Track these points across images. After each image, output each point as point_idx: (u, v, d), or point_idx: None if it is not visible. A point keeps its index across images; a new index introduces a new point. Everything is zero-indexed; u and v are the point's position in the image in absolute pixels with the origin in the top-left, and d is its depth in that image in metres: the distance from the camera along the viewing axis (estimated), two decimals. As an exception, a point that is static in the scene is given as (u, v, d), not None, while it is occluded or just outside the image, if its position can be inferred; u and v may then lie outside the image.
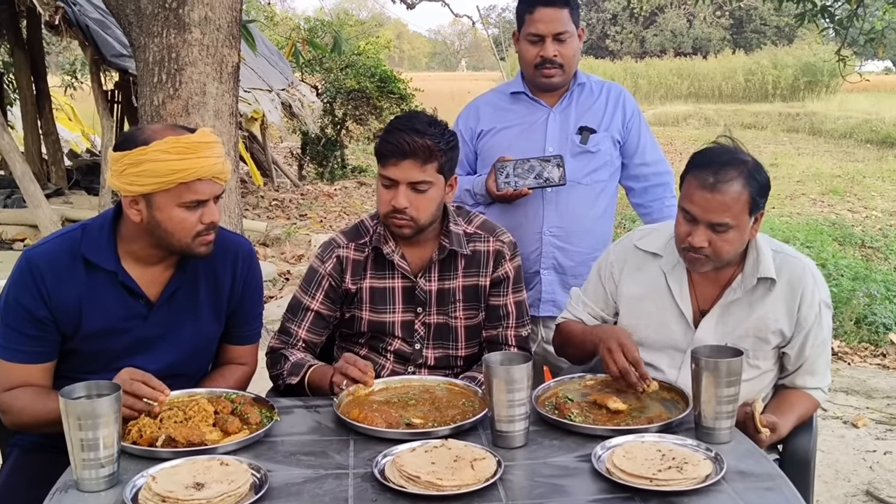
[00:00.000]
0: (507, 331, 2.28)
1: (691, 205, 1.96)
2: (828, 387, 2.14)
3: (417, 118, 2.12)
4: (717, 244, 1.96)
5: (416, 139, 2.05)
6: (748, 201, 1.94)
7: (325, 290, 2.22)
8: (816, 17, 5.82)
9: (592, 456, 1.65)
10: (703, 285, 2.12)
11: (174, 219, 1.87)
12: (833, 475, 3.56)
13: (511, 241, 2.28)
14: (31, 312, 1.89)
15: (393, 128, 2.10)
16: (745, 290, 2.07)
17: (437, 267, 2.21)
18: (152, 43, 3.37)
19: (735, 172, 1.93)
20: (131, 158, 1.83)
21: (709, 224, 1.94)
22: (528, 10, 2.66)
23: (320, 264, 2.23)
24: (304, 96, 11.20)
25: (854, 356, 5.20)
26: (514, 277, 2.27)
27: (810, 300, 2.05)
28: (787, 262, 2.08)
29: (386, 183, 2.10)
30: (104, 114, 7.49)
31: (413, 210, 2.09)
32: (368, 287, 2.22)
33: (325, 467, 1.67)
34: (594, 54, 35.79)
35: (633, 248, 2.22)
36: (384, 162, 2.09)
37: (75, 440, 1.55)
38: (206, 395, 1.93)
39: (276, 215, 9.71)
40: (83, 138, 13.35)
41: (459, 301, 2.24)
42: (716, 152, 2.00)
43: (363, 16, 39.60)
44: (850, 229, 8.47)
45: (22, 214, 7.47)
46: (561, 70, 2.66)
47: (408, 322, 2.24)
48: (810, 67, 26.09)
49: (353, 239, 2.24)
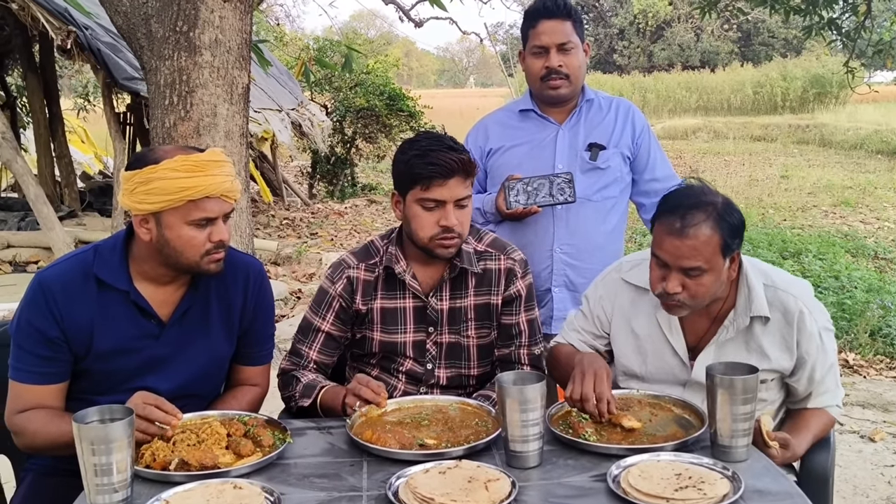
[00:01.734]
0: (519, 350, 2.27)
1: (661, 251, 1.93)
2: (842, 401, 2.11)
3: (441, 138, 2.10)
4: (693, 288, 1.92)
5: (459, 156, 2.05)
6: (719, 243, 1.89)
7: (335, 311, 2.21)
8: (824, 29, 5.83)
9: (608, 476, 1.64)
10: (694, 320, 2.08)
11: (183, 237, 1.88)
12: (851, 491, 3.52)
13: (522, 258, 2.27)
14: (43, 333, 1.90)
15: (425, 150, 2.06)
16: (738, 329, 2.03)
17: (449, 286, 2.20)
18: (163, 66, 3.40)
19: (703, 216, 1.89)
20: (142, 177, 1.85)
21: (681, 269, 1.91)
22: (532, 25, 2.68)
23: (331, 285, 2.22)
24: (314, 115, 11.26)
25: (870, 369, 5.15)
26: (527, 296, 2.26)
27: (809, 332, 2.00)
28: (777, 296, 2.02)
29: (429, 205, 2.07)
30: (116, 136, 7.54)
31: (460, 227, 2.08)
32: (379, 308, 2.21)
33: (339, 489, 1.66)
34: (602, 69, 35.85)
35: (622, 281, 2.19)
36: (427, 184, 2.05)
37: (88, 465, 1.55)
38: (218, 417, 1.92)
39: (286, 234, 9.74)
40: (96, 160, 13.46)
41: (472, 320, 2.23)
42: (683, 195, 1.96)
43: (372, 35, 39.94)
44: (862, 241, 8.41)
45: (35, 237, 7.52)
46: (567, 81, 2.66)
47: (419, 342, 2.23)
48: (819, 79, 26.05)
49: (363, 259, 2.23)
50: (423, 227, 2.09)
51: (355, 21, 44.77)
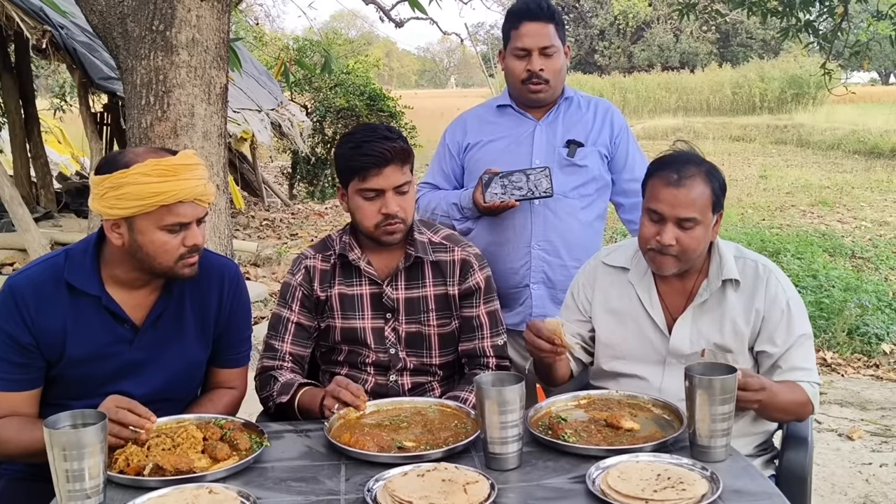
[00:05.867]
0: (483, 342, 2.29)
1: (658, 203, 2.04)
2: (816, 383, 2.08)
3: (376, 128, 2.19)
4: (685, 241, 2.02)
5: (392, 144, 2.12)
6: (710, 197, 2.03)
7: (299, 300, 2.26)
8: (801, 31, 5.87)
9: (587, 477, 1.64)
10: (671, 295, 2.17)
11: (156, 242, 1.86)
12: (829, 489, 3.54)
13: (477, 253, 2.32)
14: (15, 339, 1.87)
15: (360, 141, 2.14)
16: (711, 292, 2.12)
17: (404, 275, 2.25)
18: (140, 65, 3.36)
19: (696, 170, 2.04)
20: (112, 182, 1.82)
21: (676, 220, 2.01)
22: (514, 26, 2.67)
23: (291, 277, 2.29)
24: (294, 115, 11.20)
25: (847, 367, 5.19)
26: (486, 288, 2.30)
27: (773, 295, 2.09)
28: (747, 264, 2.14)
29: (369, 195, 2.15)
30: (93, 136, 7.47)
31: (402, 212, 2.16)
32: (338, 294, 2.26)
33: (317, 493, 1.64)
34: (582, 69, 35.99)
35: (602, 264, 2.28)
36: (363, 174, 2.13)
37: (60, 471, 1.52)
38: (194, 421, 1.90)
39: (266, 235, 9.68)
40: (73, 161, 13.30)
41: (432, 310, 2.26)
42: (675, 155, 2.11)
43: (352, 35, 39.83)
44: (840, 240, 8.48)
45: (11, 239, 7.42)
46: (547, 85, 2.67)
47: (378, 329, 2.25)
48: (797, 80, 26.28)
49: (320, 251, 2.31)
50: (367, 217, 2.17)
51: (336, 21, 44.59)
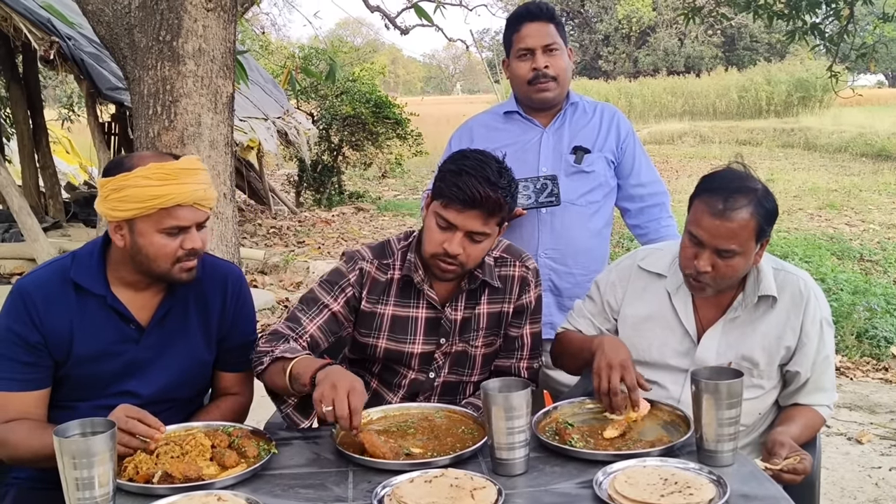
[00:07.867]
0: (520, 362, 2.24)
1: (699, 229, 1.95)
2: (834, 404, 2.14)
3: (489, 165, 1.98)
4: (722, 269, 1.96)
5: (489, 192, 1.95)
6: (755, 229, 1.93)
7: (347, 296, 2.12)
8: (807, 34, 5.86)
9: (594, 482, 1.64)
10: (706, 307, 2.12)
11: (155, 244, 1.89)
12: (839, 493, 3.53)
13: (535, 267, 2.24)
14: (24, 339, 1.90)
15: (462, 170, 1.97)
16: (745, 308, 2.07)
17: (465, 296, 2.17)
18: (147, 76, 3.39)
19: (745, 200, 1.92)
20: (115, 184, 1.86)
21: (715, 250, 1.93)
22: (515, 30, 2.68)
23: (345, 270, 2.13)
24: (300, 123, 11.24)
25: (856, 371, 5.17)
26: (535, 307, 2.23)
27: (812, 316, 2.05)
28: (788, 279, 2.08)
29: (442, 224, 2.00)
30: (101, 146, 7.52)
31: (464, 257, 2.02)
32: (391, 315, 2.15)
33: (325, 500, 1.65)
34: (588, 75, 36.01)
35: (637, 268, 2.22)
36: (447, 203, 1.98)
37: (70, 479, 1.53)
38: (202, 428, 1.91)
39: (273, 243, 9.71)
40: (81, 171, 13.37)
41: (482, 329, 2.18)
42: (727, 178, 1.98)
43: (358, 42, 39.96)
44: (848, 243, 8.46)
45: (20, 248, 7.47)
46: (555, 83, 2.67)
47: (427, 353, 2.17)
48: (803, 83, 26.23)
49: (377, 256, 2.15)
50: (430, 242, 2.04)
51: (341, 29, 44.79)
